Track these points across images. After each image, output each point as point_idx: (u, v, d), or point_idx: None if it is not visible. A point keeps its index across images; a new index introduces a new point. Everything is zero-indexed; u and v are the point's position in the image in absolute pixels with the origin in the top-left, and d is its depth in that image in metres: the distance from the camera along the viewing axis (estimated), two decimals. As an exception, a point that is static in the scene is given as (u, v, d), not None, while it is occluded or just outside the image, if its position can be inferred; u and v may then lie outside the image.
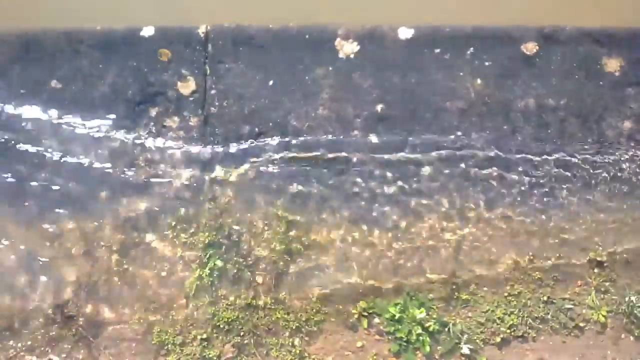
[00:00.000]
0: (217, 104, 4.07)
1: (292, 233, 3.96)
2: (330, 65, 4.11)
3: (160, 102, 4.08)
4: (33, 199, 3.97)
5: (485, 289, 3.96)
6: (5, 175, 3.98)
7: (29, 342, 3.88)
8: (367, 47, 4.12)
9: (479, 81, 4.08)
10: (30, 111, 4.03)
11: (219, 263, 3.91)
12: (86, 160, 4.01)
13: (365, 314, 3.89)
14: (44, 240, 3.95)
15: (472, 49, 4.11)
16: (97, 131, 4.03)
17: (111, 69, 4.09)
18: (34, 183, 3.97)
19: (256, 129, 4.05)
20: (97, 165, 4.00)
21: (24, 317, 3.90)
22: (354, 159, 4.02)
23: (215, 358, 3.84)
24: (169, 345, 3.86)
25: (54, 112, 4.04)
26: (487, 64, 4.10)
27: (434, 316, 3.89)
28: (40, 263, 3.93)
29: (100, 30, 4.14)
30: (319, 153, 4.02)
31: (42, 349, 3.87)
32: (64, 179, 3.99)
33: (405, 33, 4.14)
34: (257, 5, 4.70)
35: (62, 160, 4.00)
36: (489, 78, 4.08)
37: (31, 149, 4.00)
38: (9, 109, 4.04)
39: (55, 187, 3.98)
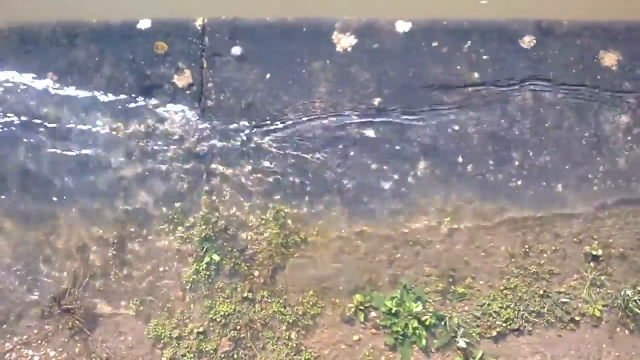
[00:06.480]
0: (213, 97, 4.06)
1: (288, 226, 3.96)
2: (327, 59, 4.09)
3: (157, 95, 4.06)
4: (29, 191, 3.97)
5: (481, 282, 3.97)
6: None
7: (25, 336, 3.88)
8: (365, 40, 4.11)
9: (476, 75, 4.07)
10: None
11: (216, 257, 3.91)
12: (83, 152, 4.00)
13: (362, 307, 3.90)
14: (40, 233, 3.95)
15: (469, 42, 4.10)
16: (94, 124, 4.02)
17: (107, 62, 4.07)
18: (29, 174, 3.97)
19: (253, 122, 4.04)
20: (93, 158, 3.99)
21: (20, 311, 3.90)
22: (351, 153, 4.01)
23: (211, 351, 3.84)
24: (166, 339, 3.86)
25: (50, 106, 4.03)
26: (484, 57, 4.09)
27: (430, 310, 3.89)
28: (37, 256, 3.93)
29: (97, 23, 4.12)
30: (315, 147, 4.02)
31: (39, 342, 3.88)
32: (61, 172, 3.98)
33: (402, 26, 4.13)
34: (254, -1, 4.68)
35: (58, 153, 3.99)
36: (486, 71, 4.08)
37: (27, 139, 4.00)
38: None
39: (51, 180, 3.97)
